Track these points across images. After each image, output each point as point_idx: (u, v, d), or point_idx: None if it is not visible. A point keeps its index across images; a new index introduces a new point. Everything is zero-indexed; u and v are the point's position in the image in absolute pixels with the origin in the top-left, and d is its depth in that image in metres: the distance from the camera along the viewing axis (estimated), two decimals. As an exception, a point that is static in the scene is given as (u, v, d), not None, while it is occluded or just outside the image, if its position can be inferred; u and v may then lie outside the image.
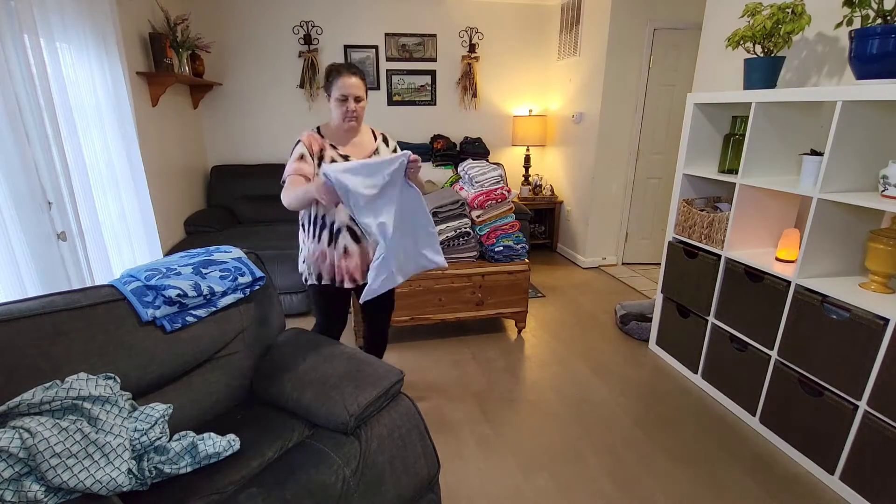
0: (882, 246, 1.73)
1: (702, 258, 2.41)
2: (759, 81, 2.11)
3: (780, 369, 2.01)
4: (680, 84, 3.92)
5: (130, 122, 2.62)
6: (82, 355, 1.24)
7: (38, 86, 1.88)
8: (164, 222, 3.21)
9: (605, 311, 3.46)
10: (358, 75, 1.77)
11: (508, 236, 2.93)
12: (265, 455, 1.32)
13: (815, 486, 1.85)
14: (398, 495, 1.35)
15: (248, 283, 1.62)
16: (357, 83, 1.76)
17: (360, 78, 1.78)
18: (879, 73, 1.66)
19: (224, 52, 4.07)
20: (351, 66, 1.77)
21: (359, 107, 1.78)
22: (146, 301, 1.39)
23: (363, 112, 1.82)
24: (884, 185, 1.62)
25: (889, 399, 1.61)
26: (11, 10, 1.75)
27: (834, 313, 1.77)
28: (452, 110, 4.69)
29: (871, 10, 1.70)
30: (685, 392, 2.47)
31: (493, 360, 2.78)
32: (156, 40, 3.07)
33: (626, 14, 3.75)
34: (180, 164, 3.66)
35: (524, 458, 2.00)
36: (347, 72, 1.75)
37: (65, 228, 2.01)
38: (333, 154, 1.83)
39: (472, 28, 4.50)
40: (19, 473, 0.98)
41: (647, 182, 4.23)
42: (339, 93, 1.75)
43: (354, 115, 1.79)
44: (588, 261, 4.43)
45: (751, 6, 2.08)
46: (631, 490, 1.83)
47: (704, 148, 2.50)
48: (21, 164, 1.79)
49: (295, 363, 1.56)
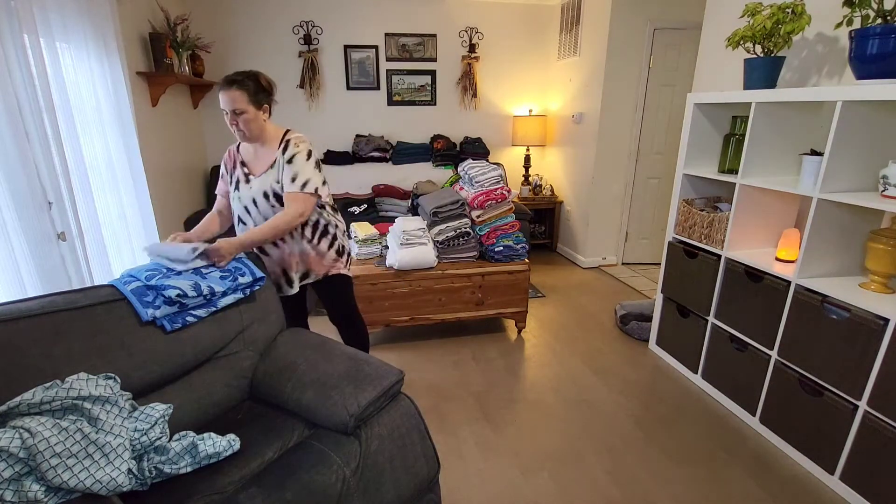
0: (882, 246, 1.73)
1: (702, 258, 2.41)
2: (759, 81, 2.11)
3: (780, 369, 2.01)
4: (680, 84, 3.92)
5: (130, 122, 2.62)
6: (82, 355, 1.24)
7: (38, 86, 1.88)
8: (164, 222, 3.21)
9: (605, 311, 3.46)
10: (236, 86, 1.66)
11: (508, 236, 2.93)
12: (265, 455, 1.32)
13: (815, 486, 1.85)
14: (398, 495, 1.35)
15: (248, 284, 1.62)
16: (233, 96, 1.66)
17: (240, 89, 1.66)
18: (879, 73, 1.65)
19: (224, 52, 4.07)
20: (231, 79, 1.67)
21: (240, 119, 1.69)
22: (146, 301, 1.39)
23: (250, 125, 1.71)
24: (884, 185, 1.62)
25: (889, 399, 1.61)
26: (11, 10, 1.75)
27: (834, 313, 1.77)
28: (452, 110, 4.69)
29: (871, 10, 1.70)
30: (685, 392, 2.47)
31: (493, 360, 2.78)
32: (156, 40, 3.07)
33: (626, 14, 3.75)
34: (180, 164, 3.66)
35: (524, 458, 2.00)
36: (224, 85, 1.67)
37: (65, 228, 2.01)
38: (240, 172, 1.85)
39: (472, 28, 4.50)
40: (19, 473, 0.98)
41: (647, 182, 4.23)
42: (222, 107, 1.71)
43: (239, 130, 1.71)
44: (588, 261, 4.43)
45: (751, 6, 2.07)
46: (631, 490, 1.83)
47: (704, 148, 2.50)
48: (21, 164, 1.79)
49: (295, 363, 1.55)
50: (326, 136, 4.45)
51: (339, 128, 4.47)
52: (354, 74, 4.38)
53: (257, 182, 1.80)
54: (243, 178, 1.83)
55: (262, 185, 1.79)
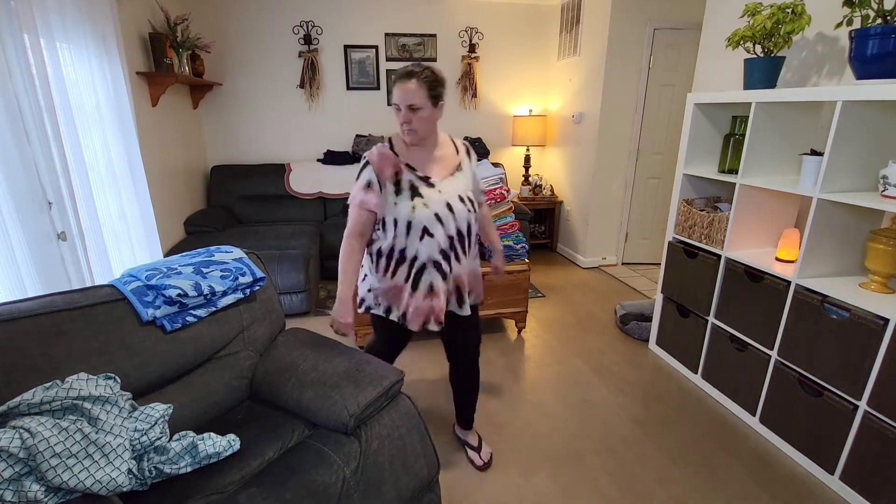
0: (882, 246, 1.73)
1: (702, 258, 2.41)
2: (759, 81, 2.11)
3: (780, 369, 2.01)
4: (680, 84, 3.92)
5: (130, 122, 2.62)
6: (82, 355, 1.24)
7: (38, 86, 1.88)
8: (164, 222, 3.21)
9: (605, 311, 3.46)
10: (416, 78, 1.46)
11: (508, 236, 2.93)
12: (265, 455, 1.32)
13: (815, 486, 1.85)
14: (398, 495, 1.35)
15: (248, 283, 1.63)
16: (411, 89, 1.46)
17: (420, 81, 1.46)
18: (879, 73, 1.65)
19: (224, 52, 4.07)
20: (409, 70, 1.48)
21: (415, 117, 1.49)
22: (146, 301, 1.39)
23: (425, 123, 1.52)
24: (884, 185, 1.62)
25: (889, 399, 1.61)
26: (11, 10, 1.75)
27: (834, 313, 1.77)
28: (452, 110, 4.69)
29: (871, 10, 1.70)
30: (685, 392, 2.47)
31: (493, 360, 2.78)
32: (156, 40, 3.07)
33: (626, 14, 3.75)
34: (180, 164, 3.66)
35: (524, 458, 2.00)
36: (401, 77, 1.48)
37: (65, 228, 2.01)
38: (412, 178, 1.56)
39: (472, 28, 4.50)
40: (19, 473, 0.98)
41: (647, 182, 4.23)
42: (392, 100, 1.52)
43: (409, 128, 1.52)
44: (588, 261, 4.43)
45: (751, 6, 2.08)
46: (631, 490, 1.83)
47: (704, 148, 2.50)
48: (21, 164, 1.79)
49: (295, 363, 1.55)
50: (326, 136, 4.45)
51: (339, 128, 4.47)
52: (354, 74, 4.38)
53: (446, 185, 1.59)
54: (422, 184, 1.57)
55: (455, 189, 1.60)
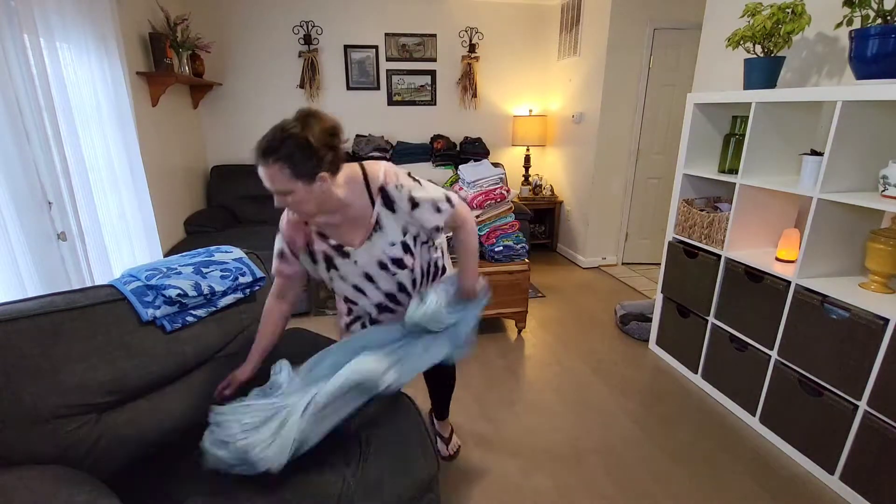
0: (882, 246, 1.73)
1: (702, 258, 2.41)
2: (759, 81, 2.11)
3: (780, 369, 2.01)
4: (680, 84, 3.92)
5: (130, 122, 2.61)
6: (82, 355, 1.24)
7: (38, 86, 1.87)
8: (164, 222, 3.21)
9: (605, 311, 3.46)
10: (272, 159, 1.14)
11: (508, 236, 2.93)
12: (265, 455, 1.32)
13: (815, 486, 1.85)
14: (398, 495, 1.34)
15: (248, 284, 1.62)
16: (270, 174, 1.16)
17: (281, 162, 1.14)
18: (879, 73, 1.66)
19: (224, 52, 4.07)
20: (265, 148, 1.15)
21: (290, 201, 1.21)
22: (146, 301, 1.39)
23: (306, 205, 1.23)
24: (884, 185, 1.62)
25: (889, 399, 1.61)
26: (11, 10, 1.75)
27: (834, 313, 1.77)
28: (452, 110, 4.69)
29: (871, 10, 1.70)
30: (685, 392, 2.47)
31: (493, 360, 2.78)
32: (156, 40, 3.07)
33: (626, 14, 3.75)
34: (180, 164, 3.66)
35: (524, 458, 2.00)
36: (258, 157, 1.17)
37: (65, 228, 2.00)
38: (325, 248, 1.40)
39: (472, 28, 4.50)
40: None
41: (647, 182, 4.23)
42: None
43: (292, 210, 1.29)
44: (588, 261, 4.43)
45: (751, 6, 2.08)
46: (631, 490, 1.83)
47: (704, 148, 2.50)
48: (21, 164, 1.79)
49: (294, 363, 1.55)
50: (326, 136, 4.44)
51: (339, 128, 4.47)
52: (354, 74, 4.38)
53: (362, 254, 1.40)
54: (336, 254, 1.40)
55: (371, 257, 1.41)
